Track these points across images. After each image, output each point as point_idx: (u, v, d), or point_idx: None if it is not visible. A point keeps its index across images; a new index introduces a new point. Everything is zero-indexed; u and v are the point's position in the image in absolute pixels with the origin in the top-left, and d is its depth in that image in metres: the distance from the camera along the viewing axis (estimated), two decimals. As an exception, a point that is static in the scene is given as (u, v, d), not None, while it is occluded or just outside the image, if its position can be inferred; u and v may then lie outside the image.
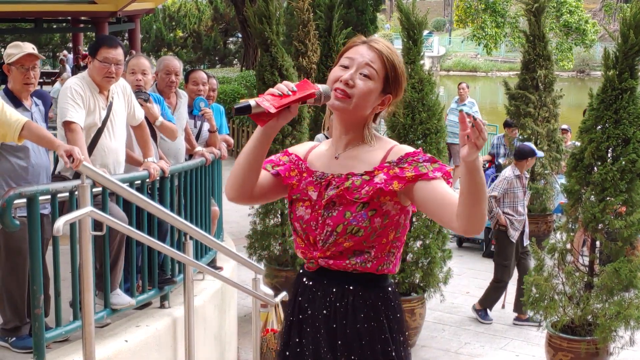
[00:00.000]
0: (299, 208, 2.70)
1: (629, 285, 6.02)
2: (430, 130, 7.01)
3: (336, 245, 2.63)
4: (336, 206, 2.62)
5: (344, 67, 2.62)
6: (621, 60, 6.10)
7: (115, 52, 5.02)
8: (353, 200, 2.59)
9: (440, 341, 7.39)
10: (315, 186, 2.67)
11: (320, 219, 2.64)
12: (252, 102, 2.45)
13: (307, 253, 2.71)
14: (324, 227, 2.64)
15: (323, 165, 2.72)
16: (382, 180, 2.58)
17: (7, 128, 4.31)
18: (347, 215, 2.60)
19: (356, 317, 2.68)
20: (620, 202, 6.09)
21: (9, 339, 4.58)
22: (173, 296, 5.53)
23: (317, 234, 2.66)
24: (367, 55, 2.61)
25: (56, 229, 3.87)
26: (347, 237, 2.61)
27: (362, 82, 2.59)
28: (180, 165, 5.81)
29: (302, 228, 2.70)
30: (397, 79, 2.65)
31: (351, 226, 2.60)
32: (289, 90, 2.49)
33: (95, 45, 5.16)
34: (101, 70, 4.98)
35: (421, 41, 7.19)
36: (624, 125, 6.02)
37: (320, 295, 2.72)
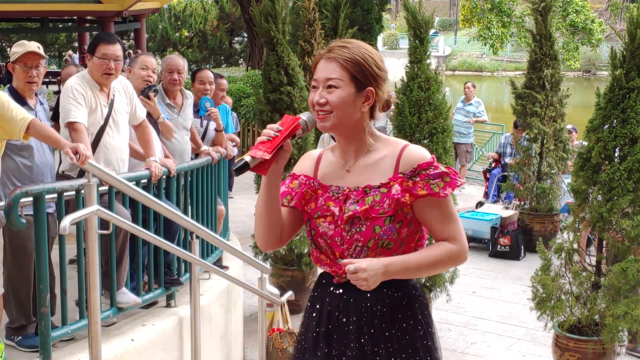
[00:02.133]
0: (321, 224, 2.70)
1: (636, 285, 5.99)
2: (437, 129, 6.99)
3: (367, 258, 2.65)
4: (362, 221, 2.64)
5: (314, 89, 2.66)
6: (628, 59, 6.07)
7: (114, 48, 5.01)
8: (378, 215, 2.62)
9: (446, 341, 7.37)
10: (335, 201, 2.69)
11: (346, 235, 2.66)
12: (247, 158, 2.52)
13: (336, 269, 2.72)
14: (352, 243, 2.66)
15: (336, 178, 2.73)
16: (398, 191, 2.62)
17: (12, 126, 4.31)
18: (377, 230, 2.63)
19: (394, 317, 2.71)
20: (627, 202, 6.06)
21: (15, 337, 4.59)
22: (179, 295, 5.53)
23: (344, 249, 2.67)
24: (326, 70, 2.64)
25: (62, 227, 3.87)
26: (378, 250, 2.64)
27: (331, 94, 2.62)
28: (186, 164, 5.81)
29: (326, 244, 2.70)
30: (366, 71, 2.64)
31: (382, 240, 2.63)
32: (275, 132, 2.54)
33: (93, 42, 5.15)
34: (100, 66, 4.97)
35: (427, 40, 7.16)
36: (631, 125, 6.00)
37: (353, 302, 2.72)
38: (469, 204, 12.27)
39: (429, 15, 7.16)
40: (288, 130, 2.57)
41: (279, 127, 2.56)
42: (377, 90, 2.66)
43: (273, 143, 2.54)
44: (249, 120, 16.53)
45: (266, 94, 7.74)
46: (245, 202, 11.55)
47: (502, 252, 10.30)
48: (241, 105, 16.96)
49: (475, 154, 16.01)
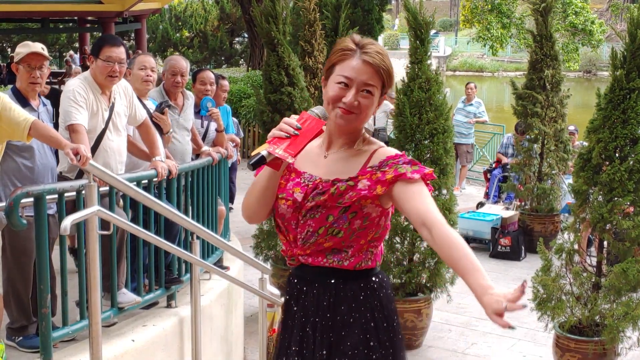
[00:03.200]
0: (281, 206, 2.73)
1: (636, 285, 6.00)
2: (438, 130, 6.99)
3: (316, 245, 2.69)
4: (320, 209, 2.66)
5: (343, 86, 2.61)
6: (629, 59, 6.07)
7: (118, 50, 5.00)
8: (336, 205, 2.63)
9: (447, 342, 7.38)
10: (302, 188, 2.70)
11: (301, 219, 2.69)
12: (264, 153, 2.49)
13: (288, 250, 2.78)
14: (304, 228, 2.69)
15: (311, 165, 2.73)
16: (366, 186, 2.62)
17: (15, 127, 4.31)
18: (329, 219, 2.65)
19: (338, 310, 2.73)
20: (628, 202, 6.07)
21: (15, 338, 4.59)
22: (180, 296, 5.53)
23: (297, 233, 2.71)
24: (365, 73, 2.61)
25: (63, 228, 3.87)
26: (327, 237, 2.66)
27: (365, 99, 2.62)
28: (187, 164, 5.81)
29: (283, 225, 2.75)
30: (391, 80, 2.69)
31: (332, 228, 2.65)
32: (294, 130, 2.52)
33: (97, 44, 5.13)
34: (104, 69, 4.96)
35: (428, 41, 7.17)
36: (631, 125, 6.00)
37: (305, 292, 2.78)
38: (470, 204, 12.26)
39: (430, 15, 7.16)
40: (313, 135, 2.54)
41: (297, 125, 2.54)
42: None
43: (296, 147, 2.51)
44: (250, 121, 16.53)
45: (267, 95, 7.74)
46: (246, 203, 11.52)
47: (503, 252, 10.29)
48: (242, 105, 16.96)
49: (476, 155, 16.01)
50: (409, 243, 7.05)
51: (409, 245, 7.05)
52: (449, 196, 7.15)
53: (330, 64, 2.68)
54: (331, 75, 2.66)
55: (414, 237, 7.02)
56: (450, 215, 7.07)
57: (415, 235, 7.02)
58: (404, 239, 7.08)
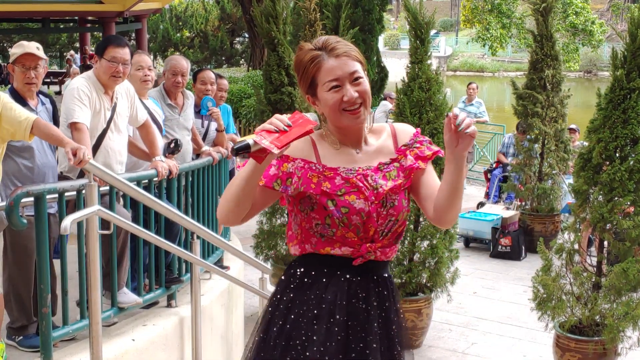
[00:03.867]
0: (355, 201, 2.61)
1: (637, 285, 5.99)
2: (438, 130, 6.99)
3: (393, 233, 2.71)
4: (393, 196, 2.67)
5: (336, 89, 2.60)
6: (629, 59, 6.07)
7: (123, 51, 5.01)
8: (401, 189, 2.70)
9: (447, 341, 7.38)
10: (357, 178, 2.64)
11: (382, 210, 2.65)
12: (250, 141, 2.43)
13: (358, 250, 2.67)
14: (386, 218, 2.66)
15: (344, 162, 2.68)
16: (412, 161, 2.71)
17: (16, 126, 4.31)
18: (404, 203, 2.71)
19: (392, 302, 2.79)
20: (628, 202, 6.07)
21: (16, 337, 4.59)
22: (180, 295, 5.53)
23: (377, 225, 2.65)
24: (345, 65, 2.61)
25: (64, 227, 3.88)
26: (401, 222, 2.72)
27: (360, 85, 2.62)
28: (187, 164, 5.81)
29: (361, 221, 2.63)
30: (362, 56, 2.71)
31: (405, 212, 2.72)
32: (284, 125, 2.45)
33: (103, 44, 5.14)
34: (109, 69, 4.97)
35: (428, 41, 7.17)
36: (632, 125, 5.99)
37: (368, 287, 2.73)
38: (470, 204, 12.26)
39: (430, 16, 7.16)
40: (301, 133, 2.48)
41: (288, 122, 2.47)
42: None
43: (283, 140, 2.44)
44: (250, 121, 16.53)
45: (267, 95, 7.74)
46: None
47: (503, 252, 10.29)
48: (242, 105, 16.96)
49: (476, 155, 16.01)
50: (409, 243, 7.05)
51: (410, 245, 7.05)
52: (450, 196, 7.13)
53: (309, 78, 2.64)
54: (316, 88, 2.63)
55: (414, 237, 7.02)
56: (450, 215, 7.06)
57: (415, 235, 7.02)
58: (404, 239, 7.08)
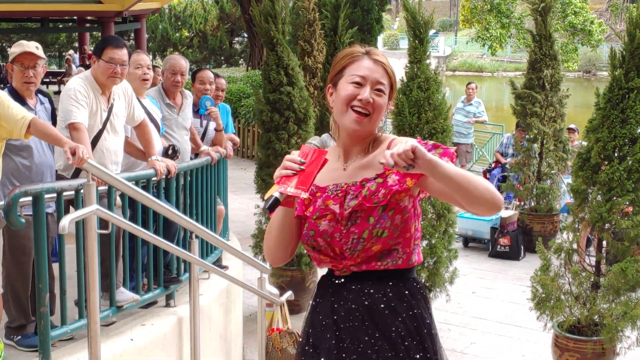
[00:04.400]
0: (321, 224, 2.68)
1: (635, 285, 6.00)
2: (437, 129, 6.99)
3: (365, 251, 2.65)
4: (358, 213, 2.64)
5: (357, 85, 2.65)
6: (628, 59, 6.07)
7: (121, 52, 5.01)
8: (373, 205, 2.62)
9: (446, 341, 7.37)
10: (334, 199, 2.69)
11: (344, 229, 2.66)
12: (276, 194, 2.51)
13: (337, 265, 2.73)
14: (349, 237, 2.66)
15: (332, 178, 2.73)
16: (396, 181, 2.62)
17: (13, 125, 4.31)
18: (370, 221, 2.63)
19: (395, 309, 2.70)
20: (627, 202, 6.07)
21: (14, 337, 4.59)
22: (178, 295, 5.52)
23: (342, 244, 2.67)
24: (377, 72, 2.67)
25: (62, 227, 3.86)
26: (373, 240, 2.64)
27: (379, 98, 2.65)
28: (185, 164, 5.81)
29: (325, 242, 2.69)
30: (395, 84, 2.73)
31: (376, 230, 2.63)
32: (298, 165, 2.52)
33: (101, 44, 5.15)
34: (107, 70, 4.97)
35: (427, 40, 7.16)
36: (630, 125, 6.00)
37: (356, 289, 2.72)
38: (469, 204, 12.25)
39: (429, 15, 7.16)
40: (318, 166, 2.53)
41: (301, 160, 2.53)
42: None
43: (306, 181, 2.50)
44: (249, 121, 16.53)
45: (266, 94, 7.74)
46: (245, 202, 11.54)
47: (502, 252, 10.30)
48: (241, 105, 16.96)
49: (475, 155, 16.01)
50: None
51: (408, 244, 7.04)
52: (448, 196, 7.13)
53: (340, 67, 2.70)
54: (341, 79, 2.69)
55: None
56: (449, 214, 7.08)
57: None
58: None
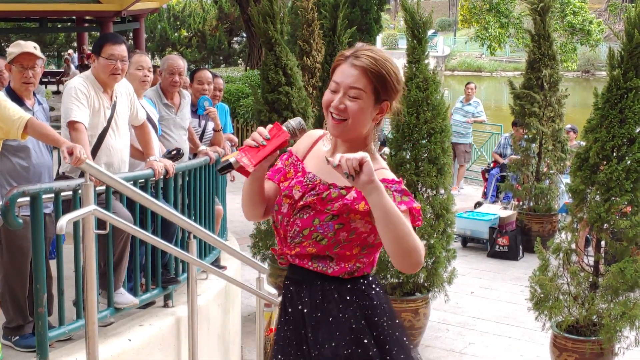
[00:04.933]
0: (284, 204, 2.75)
1: (634, 285, 6.00)
2: (435, 129, 6.99)
3: (300, 247, 2.70)
4: (309, 210, 2.67)
5: (333, 92, 2.65)
6: (626, 59, 6.07)
7: (120, 48, 4.99)
8: (325, 210, 2.64)
9: (444, 341, 7.38)
10: (302, 187, 2.73)
11: (291, 218, 2.72)
12: (232, 160, 2.59)
13: (279, 249, 2.82)
14: (293, 226, 2.71)
15: (316, 166, 2.76)
16: (352, 197, 2.62)
17: (9, 125, 4.30)
18: (315, 222, 2.66)
19: (327, 310, 2.71)
20: (625, 202, 6.07)
21: (12, 337, 4.59)
22: (177, 295, 5.52)
23: (286, 231, 2.74)
24: (351, 76, 2.61)
25: (60, 227, 3.86)
26: (311, 242, 2.67)
27: (352, 103, 2.61)
28: (184, 164, 5.80)
29: (280, 223, 2.77)
30: (387, 85, 2.64)
31: (316, 233, 2.65)
32: (263, 139, 2.59)
33: (99, 42, 5.12)
34: (107, 67, 4.95)
35: (426, 40, 7.17)
36: (629, 125, 6.00)
37: (297, 292, 2.79)
38: (468, 204, 12.27)
39: (428, 15, 7.16)
40: (274, 147, 2.60)
41: (267, 135, 2.59)
42: (391, 104, 2.68)
43: (258, 155, 2.59)
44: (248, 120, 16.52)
45: (264, 94, 7.73)
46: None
47: (501, 252, 10.30)
48: (240, 105, 16.95)
49: (474, 154, 16.01)
50: (406, 243, 7.04)
51: (407, 244, 7.04)
52: (447, 196, 7.14)
53: (331, 70, 2.73)
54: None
55: (412, 237, 7.01)
56: (447, 214, 7.08)
57: (412, 235, 7.01)
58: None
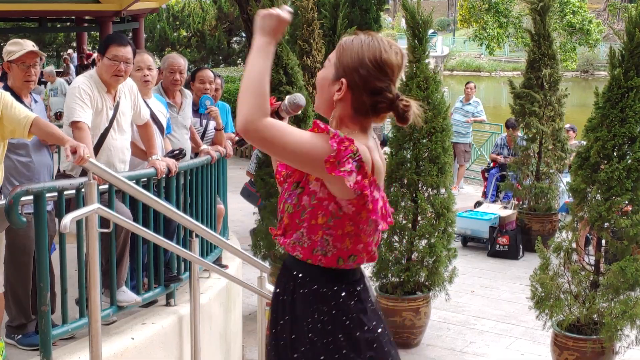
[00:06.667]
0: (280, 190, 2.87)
1: (634, 284, 6.01)
2: (436, 128, 7.01)
3: (280, 223, 2.75)
4: (285, 185, 2.78)
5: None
6: (627, 58, 6.09)
7: (125, 50, 5.00)
8: (287, 175, 2.76)
9: (445, 340, 7.39)
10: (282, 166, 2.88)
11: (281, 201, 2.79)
12: None
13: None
14: (281, 200, 2.78)
15: None
16: None
17: (16, 124, 4.31)
18: (286, 194, 2.72)
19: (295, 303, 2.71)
20: (626, 201, 6.08)
21: (15, 336, 4.60)
22: (179, 294, 5.53)
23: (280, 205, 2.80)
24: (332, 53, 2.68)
25: (63, 225, 3.87)
26: (285, 215, 2.71)
27: (320, 71, 2.70)
28: (185, 163, 5.80)
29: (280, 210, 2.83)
30: (345, 60, 2.59)
31: (287, 204, 2.70)
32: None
33: (105, 42, 5.13)
34: (110, 67, 4.96)
35: (426, 40, 7.18)
36: (630, 124, 6.01)
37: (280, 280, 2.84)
38: (468, 203, 12.28)
39: (428, 15, 7.18)
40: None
41: None
42: (350, 85, 2.57)
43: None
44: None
45: (265, 94, 7.73)
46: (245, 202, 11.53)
47: (501, 251, 10.32)
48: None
49: (474, 154, 16.03)
50: (407, 242, 7.07)
51: (408, 244, 7.06)
52: (447, 195, 7.16)
53: None
54: None
55: (412, 236, 7.04)
56: (448, 214, 7.09)
57: (413, 234, 7.03)
58: (402, 238, 7.09)
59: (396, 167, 7.06)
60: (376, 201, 2.63)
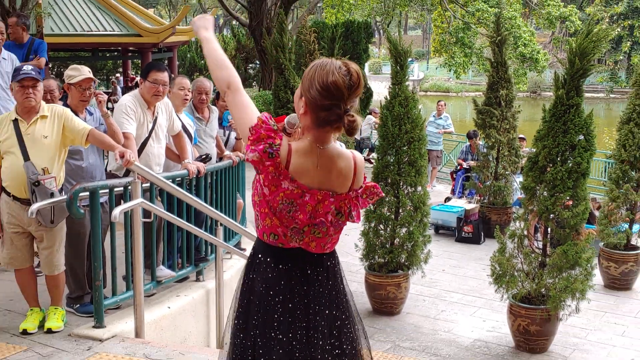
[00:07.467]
0: None
1: (575, 264, 6.01)
2: (414, 138, 7.00)
3: None
4: None
5: None
6: (569, 81, 6.09)
7: (163, 75, 5.03)
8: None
9: (421, 309, 7.38)
10: None
11: None
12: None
13: None
14: None
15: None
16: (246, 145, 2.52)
17: (75, 134, 4.32)
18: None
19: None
20: (568, 197, 6.08)
21: (74, 305, 4.61)
22: (206, 272, 5.53)
23: None
24: None
25: (113, 216, 3.89)
26: None
27: None
28: (212, 166, 5.81)
29: None
30: (303, 81, 2.48)
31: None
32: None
33: (146, 69, 5.15)
34: (151, 89, 4.98)
35: (406, 66, 7.18)
36: (571, 134, 6.01)
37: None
38: (439, 199, 12.26)
39: (407, 46, 7.18)
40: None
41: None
42: (307, 103, 2.42)
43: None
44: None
45: (276, 110, 7.75)
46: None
47: (466, 237, 10.30)
48: (255, 119, 16.88)
49: (444, 159, 16.01)
50: (390, 230, 7.07)
51: (391, 231, 7.07)
52: (423, 192, 7.16)
53: None
54: None
55: (395, 225, 7.03)
56: (424, 207, 7.08)
57: (395, 224, 7.03)
58: (386, 227, 7.09)
59: (382, 169, 7.06)
60: (277, 191, 2.43)
